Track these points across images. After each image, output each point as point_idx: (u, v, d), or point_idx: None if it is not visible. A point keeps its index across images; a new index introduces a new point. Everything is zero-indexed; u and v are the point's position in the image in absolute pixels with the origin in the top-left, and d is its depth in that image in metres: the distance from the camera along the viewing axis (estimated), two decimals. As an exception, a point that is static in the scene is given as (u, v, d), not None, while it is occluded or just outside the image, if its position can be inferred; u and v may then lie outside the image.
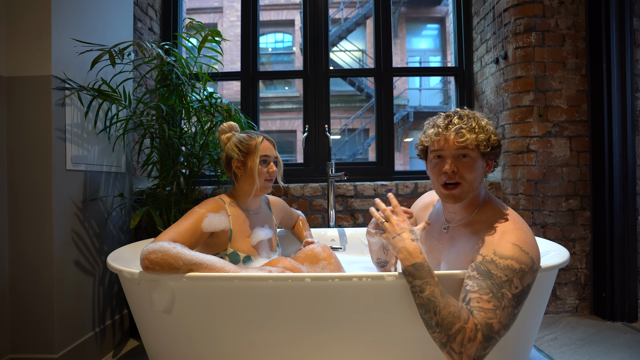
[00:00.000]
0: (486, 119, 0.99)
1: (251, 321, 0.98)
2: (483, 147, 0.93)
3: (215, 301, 0.98)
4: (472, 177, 0.94)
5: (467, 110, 0.99)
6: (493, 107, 2.16)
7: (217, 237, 1.17)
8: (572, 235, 1.93)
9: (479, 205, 1.00)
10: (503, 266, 0.84)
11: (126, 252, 1.25)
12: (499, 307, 0.81)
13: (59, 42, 1.34)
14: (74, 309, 1.41)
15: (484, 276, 0.84)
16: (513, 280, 0.83)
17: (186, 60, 1.67)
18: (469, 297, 0.83)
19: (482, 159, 0.97)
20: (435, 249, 1.11)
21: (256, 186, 1.24)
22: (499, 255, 0.85)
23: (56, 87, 1.33)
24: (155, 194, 1.71)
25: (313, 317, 0.97)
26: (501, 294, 0.82)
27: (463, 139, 0.92)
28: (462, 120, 0.95)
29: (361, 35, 9.63)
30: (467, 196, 0.97)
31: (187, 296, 0.99)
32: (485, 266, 0.85)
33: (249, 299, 0.97)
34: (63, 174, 1.37)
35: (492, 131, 0.96)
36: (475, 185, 0.96)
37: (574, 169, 1.93)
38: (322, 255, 1.24)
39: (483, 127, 0.94)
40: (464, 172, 0.94)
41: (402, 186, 2.08)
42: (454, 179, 0.95)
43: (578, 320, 1.85)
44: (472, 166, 0.94)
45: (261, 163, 1.24)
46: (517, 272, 0.83)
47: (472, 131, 0.93)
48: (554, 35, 1.93)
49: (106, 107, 1.60)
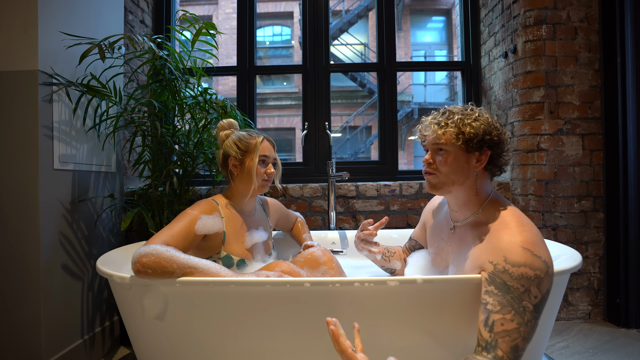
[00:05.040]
0: (485, 115, 1.00)
1: (248, 328, 0.98)
2: (454, 140, 0.98)
3: (210, 307, 0.98)
4: (446, 169, 1.00)
5: (459, 107, 1.04)
6: (502, 103, 2.16)
7: (210, 239, 1.17)
8: (584, 238, 1.93)
9: (483, 205, 1.01)
10: (517, 275, 0.84)
11: (117, 256, 1.25)
12: (523, 324, 0.82)
13: (46, 35, 1.34)
14: (62, 316, 1.41)
15: (502, 291, 0.85)
16: (531, 290, 0.84)
17: (179, 54, 1.67)
18: (492, 319, 0.84)
19: (464, 154, 1.00)
20: (443, 251, 1.12)
21: (254, 186, 1.24)
22: (511, 263, 0.85)
23: (43, 82, 1.33)
24: (147, 195, 1.71)
25: (313, 323, 0.97)
26: (522, 308, 0.83)
27: (430, 133, 1.02)
28: (437, 116, 1.04)
29: (363, 28, 9.63)
30: (445, 187, 1.02)
31: (181, 302, 0.99)
32: (499, 278, 0.86)
33: (245, 305, 0.97)
34: (50, 173, 1.37)
35: (472, 125, 0.97)
36: (453, 177, 1.00)
37: (587, 169, 1.93)
38: (323, 259, 1.24)
39: (457, 121, 0.99)
40: (439, 164, 1.02)
41: (406, 186, 2.08)
42: (430, 169, 1.04)
43: (591, 327, 1.85)
44: (446, 159, 1.00)
45: (260, 163, 1.25)
46: (533, 280, 0.84)
47: (439, 125, 1.01)
48: (565, 28, 1.93)
49: (95, 104, 1.60)
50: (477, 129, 0.97)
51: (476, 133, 0.97)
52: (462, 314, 0.95)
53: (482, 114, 1.01)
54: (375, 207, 2.07)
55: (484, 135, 0.97)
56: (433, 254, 1.18)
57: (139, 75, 2.08)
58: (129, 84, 1.98)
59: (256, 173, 1.24)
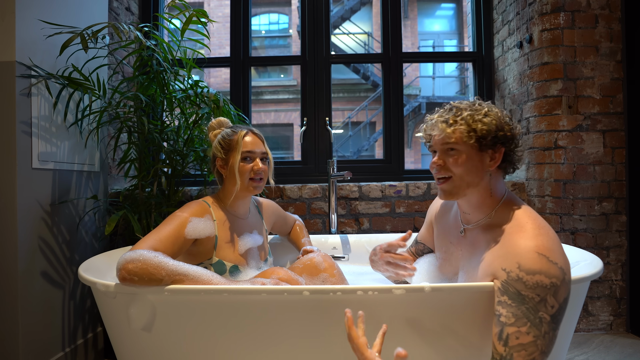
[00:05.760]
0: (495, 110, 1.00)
1: (242, 340, 0.98)
2: (467, 138, 0.97)
3: (201, 317, 0.98)
4: (460, 171, 0.99)
5: (466, 102, 1.03)
6: (516, 97, 2.16)
7: (201, 244, 1.17)
8: (605, 242, 1.93)
9: (497, 206, 1.01)
10: (532, 284, 0.84)
11: (100, 262, 1.25)
12: (540, 336, 0.82)
13: (24, 24, 1.34)
14: (42, 327, 1.41)
15: (516, 301, 0.84)
16: (547, 299, 0.84)
17: (168, 44, 1.67)
18: (506, 332, 0.83)
19: (477, 152, 0.99)
20: (452, 256, 1.12)
21: (237, 186, 1.23)
22: (525, 271, 0.85)
23: (21, 74, 1.33)
24: (134, 196, 1.71)
25: (312, 335, 0.97)
26: (539, 319, 0.83)
27: (438, 133, 1.00)
28: (444, 113, 1.02)
29: (367, 16, 9.64)
30: (459, 191, 1.01)
31: (170, 312, 0.99)
32: (513, 287, 0.86)
33: (239, 316, 0.97)
34: (29, 173, 1.36)
35: (484, 121, 0.97)
36: (468, 179, 0.99)
37: (608, 168, 1.93)
38: (323, 266, 1.24)
39: (466, 117, 0.98)
40: (450, 166, 1.00)
41: (413, 187, 2.08)
42: (442, 173, 1.02)
43: (612, 339, 1.85)
44: (459, 160, 0.99)
45: (244, 160, 1.23)
46: (549, 289, 0.84)
47: (447, 123, 0.99)
48: (585, 15, 1.93)
49: (78, 98, 1.59)
50: (489, 124, 0.97)
51: (489, 129, 0.97)
52: (475, 326, 0.95)
53: (492, 108, 1.01)
54: (379, 209, 2.07)
55: (496, 132, 0.97)
56: (441, 259, 1.18)
57: (124, 67, 2.08)
58: (114, 77, 1.98)
59: (239, 171, 1.22)
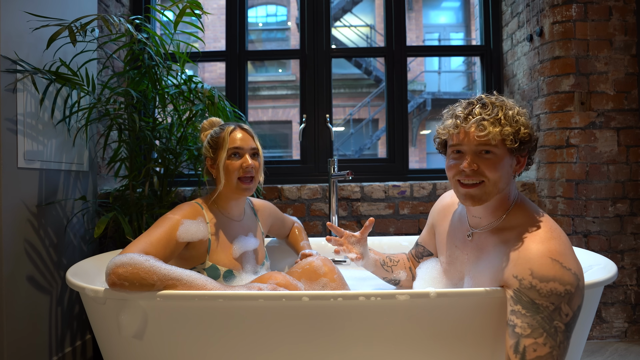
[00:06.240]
0: (518, 107, 0.98)
1: (237, 348, 0.98)
2: (510, 142, 0.94)
3: (195, 324, 0.98)
4: (496, 176, 0.95)
5: (493, 97, 0.99)
6: (526, 93, 2.16)
7: (194, 248, 1.17)
8: (620, 245, 1.93)
9: (509, 209, 1.01)
10: (546, 292, 0.84)
11: (89, 266, 1.25)
12: (555, 347, 0.83)
13: (9, 16, 1.34)
14: (27, 334, 1.41)
15: (531, 311, 0.85)
16: (561, 308, 0.84)
17: (161, 37, 1.67)
18: (523, 344, 0.84)
19: (509, 156, 0.97)
20: (457, 260, 1.11)
21: (220, 186, 1.22)
22: (539, 278, 0.85)
23: (6, 69, 1.33)
24: (124, 197, 1.71)
25: (312, 343, 0.97)
26: (554, 329, 0.83)
27: (484, 133, 0.92)
28: (485, 110, 0.95)
29: (369, 7, 9.64)
30: (489, 198, 0.97)
31: (162, 318, 0.99)
32: (527, 296, 0.86)
33: (235, 322, 0.97)
34: (14, 172, 1.37)
35: (523, 122, 0.96)
36: (500, 186, 0.97)
37: (623, 167, 1.93)
38: (323, 270, 1.24)
39: (511, 117, 0.94)
40: (485, 170, 0.95)
41: (418, 187, 2.08)
42: (474, 178, 0.96)
43: (627, 347, 1.85)
44: (496, 164, 0.95)
45: (232, 157, 1.23)
46: (563, 297, 0.84)
47: (496, 123, 0.93)
48: (598, 7, 1.93)
49: (65, 94, 1.60)
50: (530, 128, 0.96)
51: (530, 133, 0.96)
52: (486, 334, 0.95)
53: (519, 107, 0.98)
54: (382, 210, 2.08)
55: (531, 135, 0.96)
56: (445, 263, 1.18)
57: (114, 61, 2.08)
58: (104, 71, 1.98)
59: (226, 168, 1.21)
